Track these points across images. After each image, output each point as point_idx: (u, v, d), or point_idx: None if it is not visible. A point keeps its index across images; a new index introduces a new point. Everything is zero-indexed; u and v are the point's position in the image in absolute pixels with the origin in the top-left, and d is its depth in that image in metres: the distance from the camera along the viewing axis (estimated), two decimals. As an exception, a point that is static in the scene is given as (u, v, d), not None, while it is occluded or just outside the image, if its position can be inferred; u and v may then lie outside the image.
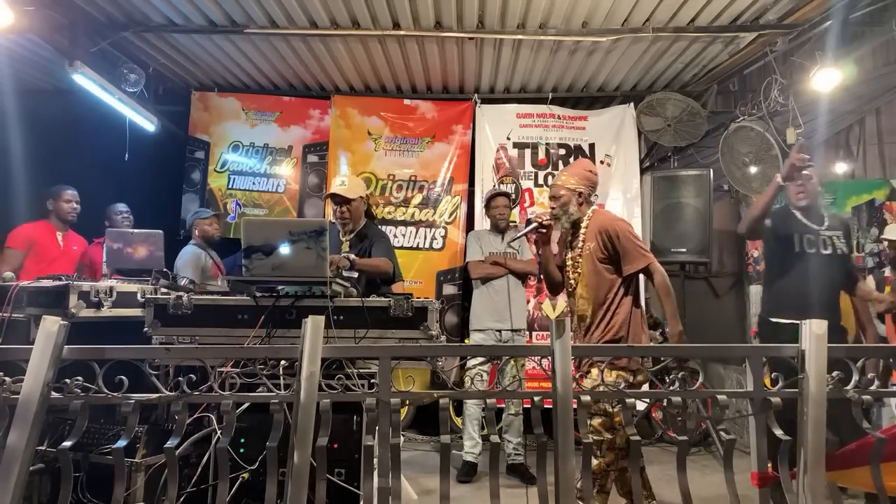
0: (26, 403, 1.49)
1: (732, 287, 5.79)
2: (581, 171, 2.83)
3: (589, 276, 2.66)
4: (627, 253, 2.60)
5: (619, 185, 4.94)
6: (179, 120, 5.17)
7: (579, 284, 2.70)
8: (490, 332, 3.81)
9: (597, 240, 2.65)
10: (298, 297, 2.38)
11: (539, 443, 1.68)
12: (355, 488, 2.25)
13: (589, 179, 2.79)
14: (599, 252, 2.64)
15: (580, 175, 2.80)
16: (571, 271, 2.74)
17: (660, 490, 3.40)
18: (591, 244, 2.68)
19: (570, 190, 2.75)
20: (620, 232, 2.62)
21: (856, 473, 1.75)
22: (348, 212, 3.07)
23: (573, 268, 2.74)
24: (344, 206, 3.06)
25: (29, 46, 4.16)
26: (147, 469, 2.34)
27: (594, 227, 2.69)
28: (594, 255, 2.65)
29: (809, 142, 4.92)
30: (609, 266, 2.65)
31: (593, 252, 2.66)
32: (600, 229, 2.66)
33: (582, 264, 2.69)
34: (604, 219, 2.74)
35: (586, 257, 2.68)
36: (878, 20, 3.72)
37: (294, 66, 4.70)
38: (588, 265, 2.67)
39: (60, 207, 3.94)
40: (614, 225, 2.66)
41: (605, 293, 2.63)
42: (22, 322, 2.53)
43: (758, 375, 1.69)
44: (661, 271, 2.60)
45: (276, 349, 1.78)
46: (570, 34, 4.04)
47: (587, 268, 2.67)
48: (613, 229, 2.63)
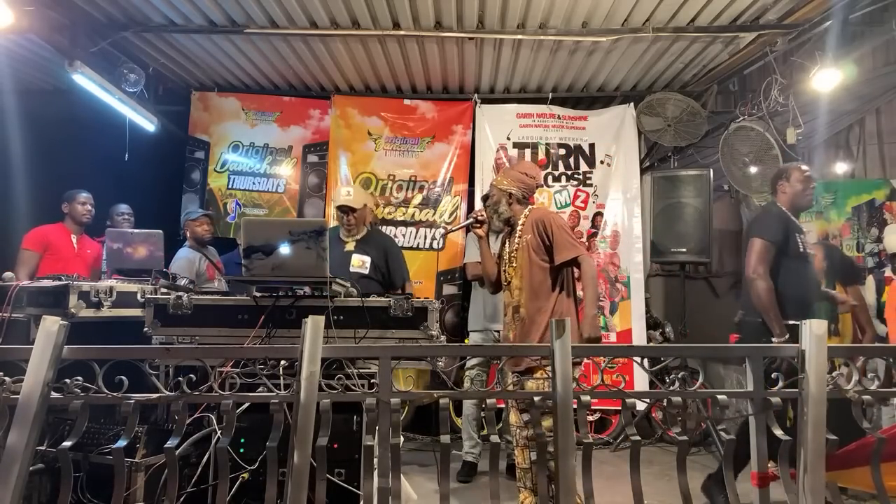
0: (26, 403, 1.49)
1: (732, 287, 5.78)
2: (516, 174, 2.95)
3: (523, 267, 2.76)
4: (558, 244, 2.71)
5: (619, 185, 4.93)
6: (179, 120, 5.17)
7: (515, 276, 2.80)
8: (489, 333, 3.81)
9: (534, 232, 2.76)
10: (298, 297, 2.38)
11: (539, 443, 1.68)
12: (355, 488, 2.25)
13: (522, 182, 2.90)
14: (535, 243, 2.75)
15: (513, 177, 2.92)
16: (508, 264, 2.85)
17: (660, 490, 3.41)
18: (527, 236, 2.79)
19: (500, 190, 2.89)
20: (553, 224, 2.74)
21: (856, 473, 1.75)
22: (354, 219, 3.41)
23: (509, 261, 2.84)
24: (350, 215, 3.40)
25: (29, 46, 4.16)
26: (147, 469, 2.34)
27: (531, 221, 2.81)
28: (530, 245, 2.76)
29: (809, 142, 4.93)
30: (544, 257, 2.74)
31: (529, 243, 2.76)
32: (536, 221, 2.78)
33: (518, 257, 2.80)
34: (540, 213, 2.87)
35: (523, 249, 2.78)
36: (878, 20, 3.72)
37: (294, 66, 4.70)
38: (523, 256, 2.77)
39: (75, 210, 3.98)
40: (548, 217, 2.79)
41: (539, 284, 2.73)
42: (22, 322, 2.54)
43: (758, 375, 1.69)
44: (589, 262, 2.74)
45: (276, 349, 1.79)
46: (570, 34, 4.04)
47: (524, 259, 2.77)
48: (547, 220, 2.75)
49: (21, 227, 3.97)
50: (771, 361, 1.86)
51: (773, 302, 2.91)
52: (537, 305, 2.71)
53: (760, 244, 3.01)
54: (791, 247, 3.04)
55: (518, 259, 2.79)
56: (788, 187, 3.16)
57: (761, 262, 2.98)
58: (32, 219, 4.06)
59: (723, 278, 5.80)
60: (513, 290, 2.80)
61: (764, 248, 3.00)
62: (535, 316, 2.70)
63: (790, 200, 3.17)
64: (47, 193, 4.14)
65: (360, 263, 3.37)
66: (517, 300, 2.76)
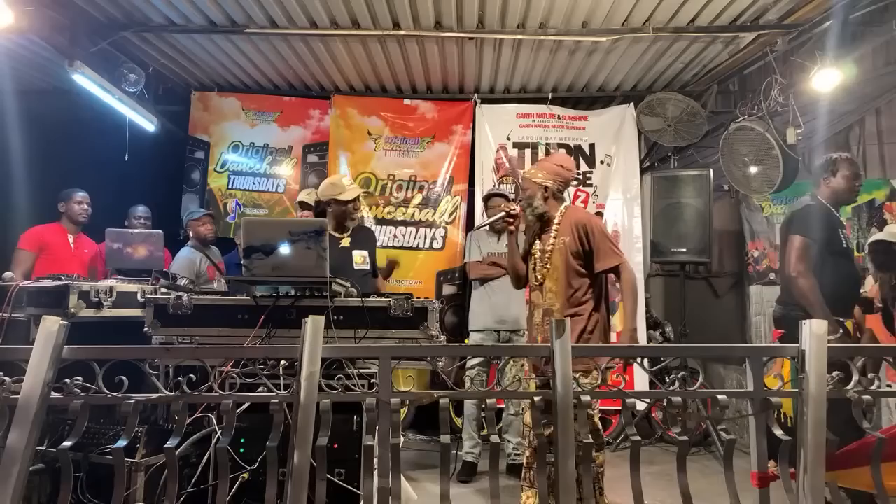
0: (26, 403, 1.49)
1: (732, 287, 5.79)
2: (550, 166, 2.81)
3: (560, 270, 2.66)
4: (600, 251, 2.62)
5: (619, 185, 4.94)
6: (179, 120, 5.17)
7: (548, 278, 2.69)
8: (488, 333, 3.81)
9: (572, 235, 2.65)
10: (298, 297, 2.38)
11: (539, 443, 1.67)
12: (355, 488, 2.25)
13: (558, 174, 2.77)
14: (574, 247, 2.65)
15: (549, 169, 2.79)
16: (540, 265, 2.73)
17: (660, 490, 3.41)
18: (565, 238, 2.67)
19: (535, 183, 2.75)
20: (596, 229, 2.65)
21: (856, 473, 1.75)
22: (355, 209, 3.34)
23: (542, 261, 2.72)
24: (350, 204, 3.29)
25: (29, 46, 4.16)
26: (147, 469, 2.34)
27: (569, 223, 2.69)
28: (568, 249, 2.65)
29: (809, 142, 4.93)
30: (581, 262, 2.66)
31: (567, 247, 2.66)
32: (577, 224, 2.67)
33: (552, 258, 2.68)
34: (580, 214, 2.76)
35: (559, 251, 2.67)
36: (878, 20, 3.72)
37: (294, 66, 4.70)
38: (560, 259, 2.66)
39: (72, 209, 3.97)
40: (590, 221, 2.69)
41: (575, 289, 2.64)
42: (22, 322, 2.54)
43: (758, 375, 1.69)
44: (630, 272, 2.65)
45: (276, 349, 1.78)
46: (570, 34, 4.04)
47: (559, 262, 2.66)
48: (590, 225, 2.66)
49: (21, 227, 3.97)
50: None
51: (819, 299, 2.87)
52: (573, 312, 2.62)
53: (800, 241, 2.96)
54: (832, 243, 2.98)
55: (553, 261, 2.67)
56: (833, 181, 3.06)
57: (801, 259, 2.94)
58: (32, 219, 4.06)
59: (723, 278, 5.79)
60: (545, 293, 2.69)
61: (804, 245, 2.95)
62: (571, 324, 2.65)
63: (833, 194, 3.07)
64: (47, 193, 4.13)
65: (361, 260, 3.32)
66: (550, 304, 2.66)
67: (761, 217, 5.47)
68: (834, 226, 3.00)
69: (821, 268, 2.98)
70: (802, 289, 2.90)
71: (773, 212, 5.47)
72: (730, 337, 5.52)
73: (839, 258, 2.98)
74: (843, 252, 2.99)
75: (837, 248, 2.98)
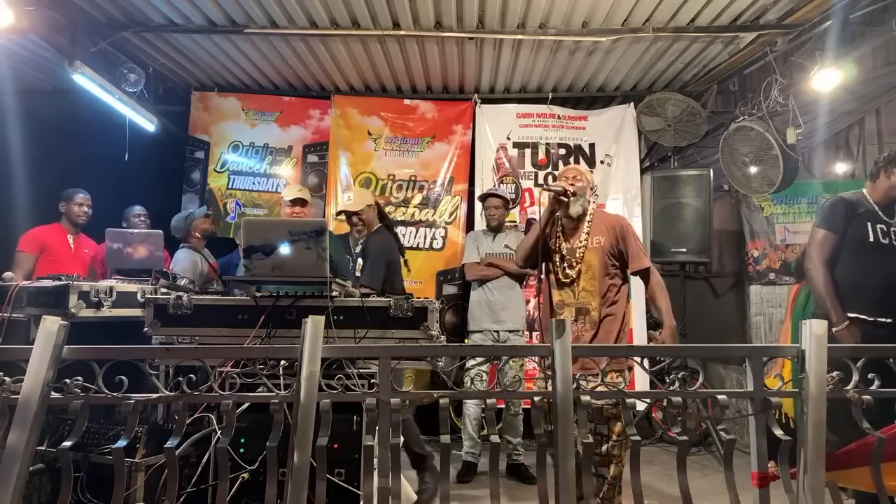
0: (26, 403, 1.49)
1: (732, 287, 5.79)
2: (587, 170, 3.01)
3: (596, 269, 2.71)
4: (633, 253, 2.72)
5: (619, 185, 4.94)
6: (179, 120, 5.17)
7: (582, 277, 2.72)
8: (487, 333, 3.82)
9: (609, 235, 2.73)
10: (298, 297, 2.38)
11: (539, 443, 1.68)
12: (355, 488, 2.25)
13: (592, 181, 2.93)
14: (609, 247, 2.72)
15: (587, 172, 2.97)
16: (572, 262, 2.74)
17: (660, 490, 3.41)
18: (600, 237, 2.73)
19: (588, 181, 2.84)
20: (630, 231, 2.77)
21: (856, 473, 1.75)
22: (361, 222, 3.42)
23: (574, 259, 2.73)
24: (355, 217, 3.41)
25: (29, 46, 4.16)
26: (147, 469, 2.34)
27: (602, 223, 2.77)
28: (605, 249, 2.71)
29: (809, 142, 4.93)
30: (615, 262, 2.74)
31: (604, 247, 2.71)
32: (613, 225, 2.76)
33: (587, 257, 2.72)
34: (612, 217, 2.88)
35: (594, 250, 2.72)
36: (878, 20, 3.72)
37: (294, 66, 4.70)
38: (597, 259, 2.71)
39: (71, 210, 3.95)
40: (625, 223, 2.81)
41: (608, 288, 2.71)
42: (22, 322, 2.53)
43: (758, 375, 1.69)
44: (658, 273, 2.78)
45: (276, 349, 1.78)
46: (570, 34, 4.04)
47: (596, 261, 2.70)
48: (626, 227, 2.78)
49: (21, 228, 3.96)
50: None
51: (829, 291, 2.91)
52: (608, 312, 2.68)
53: (819, 234, 3.01)
54: (860, 236, 2.94)
55: (587, 260, 2.71)
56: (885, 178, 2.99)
57: (817, 251, 2.98)
58: (32, 219, 4.05)
59: (723, 278, 5.80)
60: (578, 292, 2.72)
61: (823, 237, 2.99)
62: (607, 323, 2.67)
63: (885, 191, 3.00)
64: (47, 194, 4.12)
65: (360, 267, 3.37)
66: (585, 303, 2.70)
67: (761, 217, 5.47)
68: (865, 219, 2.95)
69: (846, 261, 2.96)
70: (812, 280, 2.95)
71: (772, 212, 5.47)
72: (730, 337, 5.52)
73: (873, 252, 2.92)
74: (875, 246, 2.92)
75: (864, 241, 2.93)
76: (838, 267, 2.99)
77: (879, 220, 2.97)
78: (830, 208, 3.05)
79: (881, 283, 2.91)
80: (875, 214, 2.99)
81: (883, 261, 2.93)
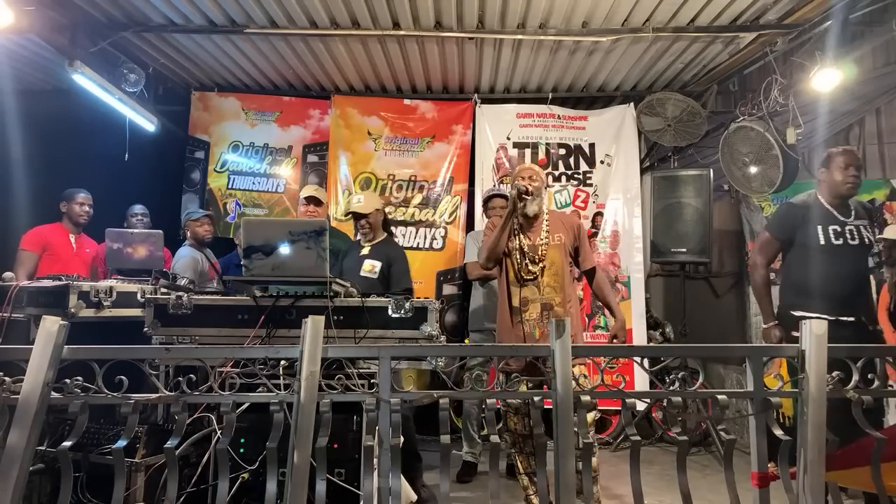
0: (26, 403, 1.49)
1: (732, 287, 5.78)
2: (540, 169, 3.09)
3: (559, 265, 2.82)
4: (586, 252, 2.93)
5: (619, 185, 4.93)
6: (179, 120, 5.17)
7: (546, 273, 2.81)
8: (488, 333, 3.81)
9: (569, 234, 2.87)
10: (298, 297, 2.38)
11: (539, 443, 1.68)
12: (355, 488, 2.25)
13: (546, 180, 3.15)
14: (569, 245, 2.86)
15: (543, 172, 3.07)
16: (534, 258, 2.82)
17: (660, 490, 3.41)
18: (560, 235, 2.85)
19: (542, 179, 2.97)
20: (584, 231, 2.96)
21: (856, 473, 1.75)
22: (368, 225, 3.44)
23: (536, 255, 2.82)
24: (363, 220, 3.44)
25: (29, 46, 4.16)
26: (147, 469, 2.34)
27: (560, 221, 2.91)
28: (565, 246, 2.84)
29: (809, 142, 4.93)
30: (570, 260, 2.90)
31: (565, 244, 2.84)
32: (572, 224, 2.92)
33: (549, 254, 2.82)
34: (569, 216, 3.04)
35: (556, 248, 2.84)
36: (878, 20, 3.72)
37: (294, 66, 4.70)
38: (559, 255, 2.83)
39: (72, 210, 3.95)
40: (581, 224, 3.00)
41: (569, 284, 2.86)
42: (22, 322, 2.54)
43: (758, 375, 1.69)
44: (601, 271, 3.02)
45: (276, 349, 1.78)
46: (570, 34, 4.04)
47: (558, 257, 2.83)
48: (581, 227, 2.96)
49: (21, 227, 3.96)
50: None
51: (764, 292, 3.12)
52: (569, 306, 2.82)
53: (764, 237, 3.21)
54: (808, 239, 2.98)
55: (550, 256, 2.82)
56: (826, 175, 3.06)
57: (758, 253, 3.19)
58: (32, 219, 4.05)
59: (723, 278, 5.79)
60: (543, 288, 2.80)
61: (766, 241, 3.17)
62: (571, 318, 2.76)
63: (828, 189, 3.05)
64: (47, 193, 4.13)
65: (370, 268, 3.37)
66: (549, 298, 2.79)
67: (761, 217, 5.46)
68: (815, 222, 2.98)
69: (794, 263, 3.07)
70: (752, 280, 3.16)
71: (772, 212, 5.47)
72: (730, 337, 5.51)
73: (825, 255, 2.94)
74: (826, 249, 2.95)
75: (815, 244, 2.96)
76: (793, 270, 3.07)
77: (833, 221, 3.00)
78: (777, 213, 3.24)
79: (840, 283, 2.93)
80: (827, 216, 3.02)
81: (838, 262, 2.95)
